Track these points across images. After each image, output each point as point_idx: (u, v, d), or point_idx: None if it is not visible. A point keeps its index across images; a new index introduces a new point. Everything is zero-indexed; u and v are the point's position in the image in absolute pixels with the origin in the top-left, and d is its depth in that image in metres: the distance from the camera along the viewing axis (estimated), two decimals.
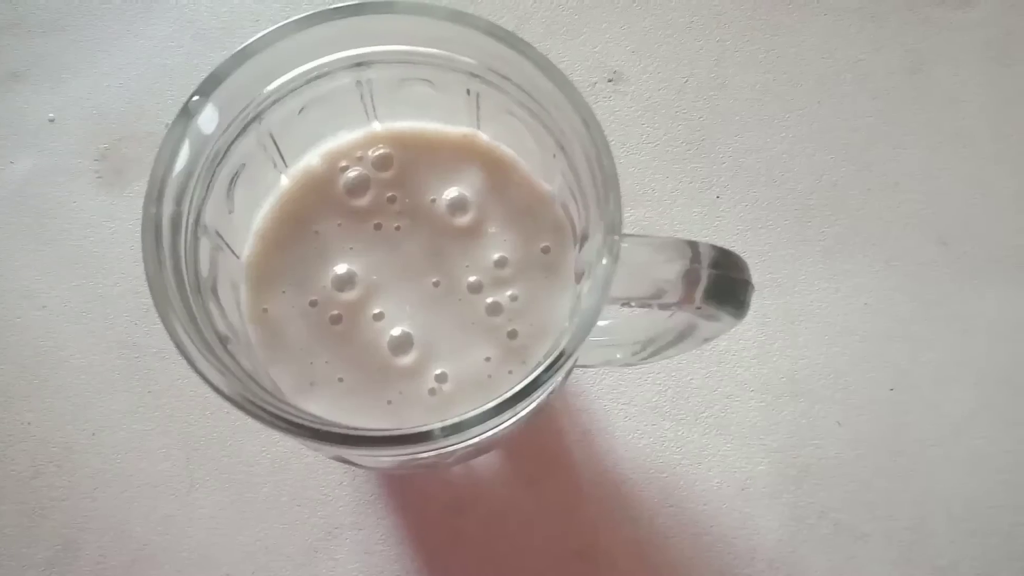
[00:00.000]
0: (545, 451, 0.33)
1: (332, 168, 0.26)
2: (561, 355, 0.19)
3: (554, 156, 0.23)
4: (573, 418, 0.33)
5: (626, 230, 0.35)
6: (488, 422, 0.19)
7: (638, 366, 0.33)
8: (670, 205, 0.35)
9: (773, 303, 0.34)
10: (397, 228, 0.26)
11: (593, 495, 0.32)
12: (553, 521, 0.32)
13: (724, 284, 0.22)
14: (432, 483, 0.32)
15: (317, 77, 0.24)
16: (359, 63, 0.24)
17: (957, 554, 0.32)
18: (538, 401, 0.20)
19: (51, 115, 0.36)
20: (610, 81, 0.37)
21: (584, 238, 0.23)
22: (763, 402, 0.33)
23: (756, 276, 0.34)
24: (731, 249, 0.23)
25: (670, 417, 0.33)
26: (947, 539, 0.32)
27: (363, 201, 0.26)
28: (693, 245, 0.22)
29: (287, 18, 0.22)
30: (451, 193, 0.26)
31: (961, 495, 0.32)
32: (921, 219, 0.35)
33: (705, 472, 0.32)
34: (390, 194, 0.26)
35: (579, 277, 0.24)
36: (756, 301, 0.34)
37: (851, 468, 0.33)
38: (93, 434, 0.32)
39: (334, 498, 0.32)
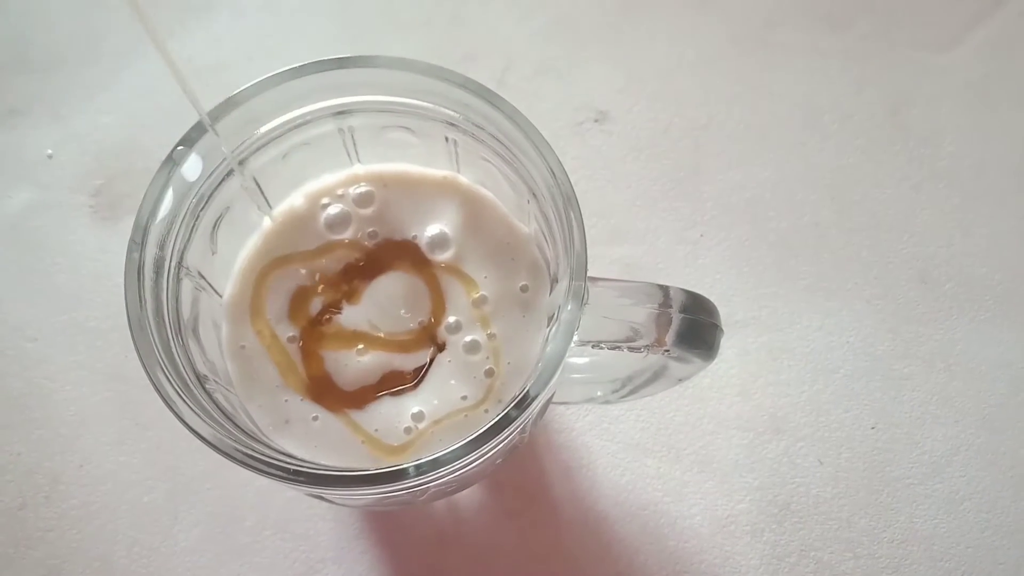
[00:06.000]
0: (528, 486, 0.33)
1: (314, 205, 0.27)
2: (525, 398, 0.20)
3: (528, 201, 0.24)
4: (556, 454, 0.33)
5: (609, 267, 0.36)
6: (455, 463, 0.20)
7: (618, 404, 0.33)
8: (654, 242, 0.36)
9: (755, 341, 0.35)
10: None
11: (575, 531, 0.32)
12: (534, 557, 0.32)
13: (693, 328, 0.22)
14: (414, 517, 0.32)
15: (301, 124, 0.24)
16: (341, 112, 0.24)
17: None
18: (506, 442, 0.21)
19: (49, 151, 0.37)
20: (596, 121, 0.38)
21: (556, 281, 0.24)
22: (745, 439, 0.33)
23: (738, 314, 0.35)
24: (702, 293, 0.24)
25: (652, 454, 0.33)
26: None
27: (344, 236, 0.27)
28: (664, 289, 0.23)
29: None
30: (432, 230, 0.27)
31: (941, 534, 0.32)
32: (902, 258, 0.36)
33: (687, 509, 0.33)
34: (371, 229, 0.27)
35: (550, 320, 0.25)
36: (739, 338, 0.35)
37: (832, 506, 0.33)
38: (80, 466, 0.33)
39: (316, 532, 0.32)
